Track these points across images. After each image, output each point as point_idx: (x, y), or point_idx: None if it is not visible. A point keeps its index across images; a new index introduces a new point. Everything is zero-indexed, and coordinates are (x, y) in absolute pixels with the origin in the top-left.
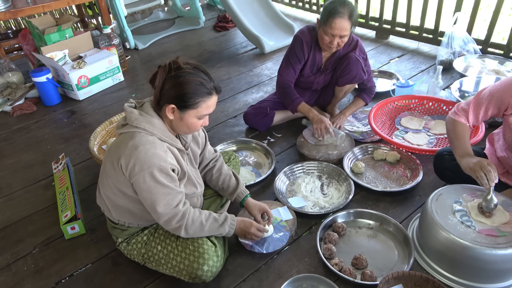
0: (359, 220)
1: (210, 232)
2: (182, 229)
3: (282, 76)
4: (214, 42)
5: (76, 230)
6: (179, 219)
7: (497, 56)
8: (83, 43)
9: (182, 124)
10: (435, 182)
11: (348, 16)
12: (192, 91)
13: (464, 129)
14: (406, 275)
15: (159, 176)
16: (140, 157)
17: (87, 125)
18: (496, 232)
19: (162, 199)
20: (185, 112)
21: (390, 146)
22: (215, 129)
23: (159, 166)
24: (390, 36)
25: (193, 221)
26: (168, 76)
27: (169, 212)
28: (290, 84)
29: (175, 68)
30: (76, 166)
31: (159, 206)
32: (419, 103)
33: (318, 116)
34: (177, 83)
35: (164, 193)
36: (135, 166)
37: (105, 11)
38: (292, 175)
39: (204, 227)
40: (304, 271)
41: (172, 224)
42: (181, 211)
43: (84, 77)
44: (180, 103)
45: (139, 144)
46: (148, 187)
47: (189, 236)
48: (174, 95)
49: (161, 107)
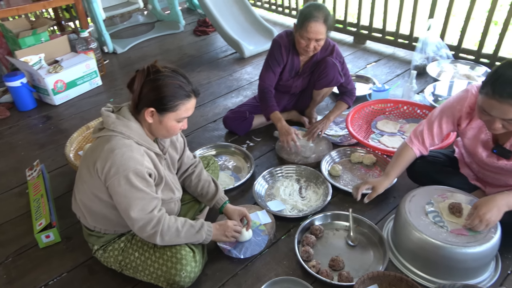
0: (336, 222)
1: (186, 239)
2: (158, 236)
3: (263, 81)
4: (194, 46)
5: (51, 239)
6: (154, 224)
7: (469, 61)
8: (59, 47)
9: (161, 127)
10: (408, 184)
11: (323, 20)
12: (171, 94)
13: (408, 155)
14: (381, 275)
15: (134, 179)
16: (116, 160)
17: (63, 130)
18: (467, 231)
19: (137, 204)
20: (164, 115)
21: (367, 149)
22: (194, 134)
23: (135, 170)
24: (367, 41)
25: (168, 228)
26: (147, 79)
27: (143, 218)
28: (270, 88)
29: (153, 72)
30: (52, 172)
31: (133, 211)
32: (394, 107)
33: (285, 128)
34: (156, 87)
35: (139, 197)
36: (110, 169)
37: (83, 14)
38: (271, 179)
39: (180, 233)
40: (282, 274)
41: (147, 230)
42: (156, 216)
43: (61, 81)
44: (159, 106)
45: (115, 147)
46: (123, 190)
47: (164, 243)
48: (153, 98)
49: (140, 111)
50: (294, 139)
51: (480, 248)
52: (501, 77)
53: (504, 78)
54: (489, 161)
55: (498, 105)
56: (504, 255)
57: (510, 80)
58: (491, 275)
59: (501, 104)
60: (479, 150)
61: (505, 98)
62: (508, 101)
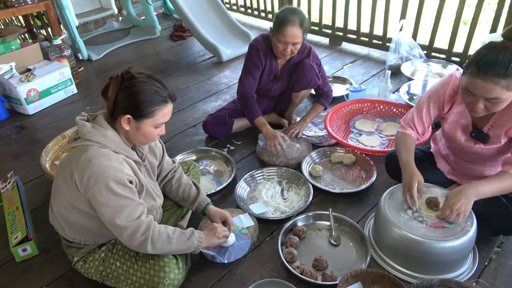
0: (318, 222)
1: (178, 246)
2: (148, 243)
3: (243, 86)
4: (171, 51)
5: (28, 252)
6: (144, 230)
7: (440, 60)
8: (31, 55)
9: (138, 134)
10: (388, 181)
11: (299, 24)
12: (147, 99)
13: (410, 140)
14: (363, 273)
15: (115, 187)
16: (94, 169)
17: (38, 140)
18: (445, 224)
19: (122, 211)
20: (141, 121)
21: (346, 149)
22: (174, 139)
23: (115, 177)
24: (342, 42)
25: (159, 234)
26: (122, 86)
27: (131, 224)
28: (252, 93)
29: (128, 78)
30: (27, 184)
31: (119, 218)
32: (371, 106)
33: (271, 132)
34: (131, 93)
35: (123, 204)
36: (89, 179)
37: (55, 21)
38: (253, 181)
39: (171, 240)
40: (266, 276)
41: (137, 237)
42: (144, 222)
43: (34, 90)
44: (136, 113)
45: (92, 157)
46: (105, 200)
47: (156, 251)
48: (128, 105)
49: (116, 118)
50: (281, 143)
51: (458, 241)
52: (485, 57)
53: (488, 58)
54: (466, 145)
55: (483, 84)
56: (480, 247)
57: (493, 59)
58: (470, 267)
59: (486, 83)
60: (458, 134)
61: (489, 77)
62: (492, 79)
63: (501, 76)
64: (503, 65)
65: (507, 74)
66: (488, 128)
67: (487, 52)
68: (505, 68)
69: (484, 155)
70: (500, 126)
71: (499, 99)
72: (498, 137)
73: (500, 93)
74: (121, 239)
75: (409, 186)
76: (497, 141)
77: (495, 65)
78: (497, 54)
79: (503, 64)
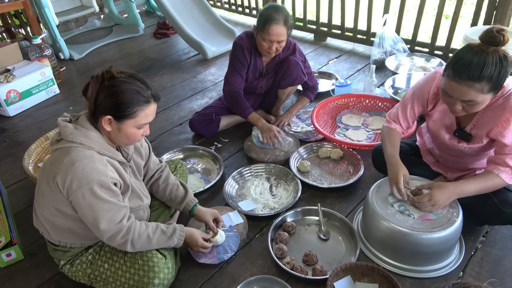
0: (307, 217)
1: (158, 245)
2: (128, 244)
3: (230, 85)
4: (155, 49)
5: (12, 257)
6: (123, 234)
7: (424, 54)
8: (10, 55)
9: (121, 135)
10: (375, 175)
11: (283, 22)
12: (128, 100)
13: (395, 134)
14: (353, 266)
15: (99, 191)
16: (78, 173)
17: (20, 142)
18: (431, 216)
19: (104, 215)
20: (123, 122)
21: (333, 144)
22: (160, 138)
23: (99, 181)
24: (327, 38)
25: (139, 235)
26: (102, 86)
27: (112, 229)
28: (240, 91)
29: (108, 78)
30: (10, 187)
31: (101, 223)
32: (357, 101)
33: (267, 125)
34: (111, 93)
35: (106, 209)
36: (72, 183)
37: (34, 20)
38: (241, 178)
39: (151, 240)
40: (257, 273)
41: (117, 240)
42: (125, 226)
43: (14, 91)
44: (117, 114)
45: (75, 159)
46: (88, 204)
47: (136, 250)
48: (109, 105)
49: (97, 119)
50: (277, 136)
51: (445, 232)
52: (461, 60)
53: (463, 61)
54: (450, 143)
55: (458, 87)
56: (467, 238)
57: (468, 63)
58: (456, 258)
59: (460, 86)
60: (442, 132)
61: (463, 80)
62: (467, 82)
63: (475, 79)
64: (477, 69)
65: (481, 78)
66: (471, 127)
67: (463, 55)
68: (478, 72)
69: (468, 152)
70: (481, 127)
71: (475, 102)
72: (480, 137)
73: (475, 96)
74: (102, 239)
75: (395, 180)
76: (479, 141)
77: (469, 69)
78: (472, 57)
79: (477, 67)
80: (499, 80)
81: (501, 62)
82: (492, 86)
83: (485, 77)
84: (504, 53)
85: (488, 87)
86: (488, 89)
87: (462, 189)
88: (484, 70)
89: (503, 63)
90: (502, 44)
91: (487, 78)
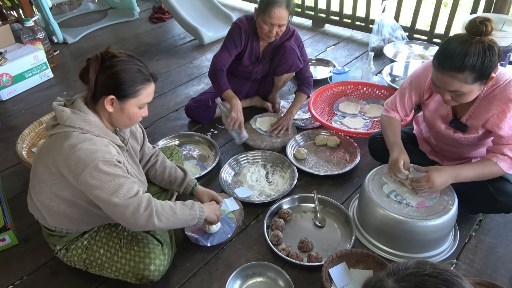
0: (303, 204)
1: (183, 217)
2: (154, 217)
3: (216, 58)
4: (150, 34)
5: (6, 242)
6: (146, 205)
7: (422, 42)
8: (2, 38)
9: (123, 115)
10: (371, 163)
11: (285, 6)
12: (131, 78)
13: (395, 123)
14: (348, 253)
15: (106, 168)
16: (81, 155)
17: (13, 127)
18: (428, 202)
19: (119, 190)
20: (126, 101)
21: (330, 132)
22: (156, 124)
23: (103, 158)
24: (325, 24)
25: (162, 207)
26: (102, 66)
27: (132, 201)
28: (223, 67)
29: (108, 58)
30: (3, 172)
31: (116, 197)
32: (355, 88)
33: (238, 108)
34: (113, 73)
35: (119, 183)
36: (77, 165)
37: (26, 2)
38: (237, 165)
39: (175, 210)
40: (253, 260)
41: (141, 213)
42: (144, 197)
43: (6, 75)
44: (120, 93)
45: (76, 142)
46: (99, 182)
47: (162, 224)
48: (112, 85)
49: (97, 100)
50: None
51: (440, 220)
52: (445, 50)
53: (447, 51)
54: (446, 133)
55: (442, 77)
56: (461, 225)
57: (451, 53)
58: (451, 245)
59: (444, 76)
60: (438, 122)
61: (446, 70)
62: (449, 73)
63: (457, 70)
64: (459, 59)
65: (462, 68)
66: (467, 118)
67: (447, 46)
68: (460, 62)
69: (464, 142)
70: (477, 118)
71: (460, 92)
72: (475, 128)
73: (459, 86)
74: (125, 221)
75: (395, 162)
76: (475, 132)
77: (451, 59)
78: (455, 48)
79: (459, 58)
80: (483, 70)
81: (485, 52)
82: (477, 76)
83: (467, 67)
84: (490, 43)
85: (472, 77)
86: (473, 80)
87: (459, 173)
88: (466, 60)
89: (486, 53)
90: (486, 34)
91: (470, 68)
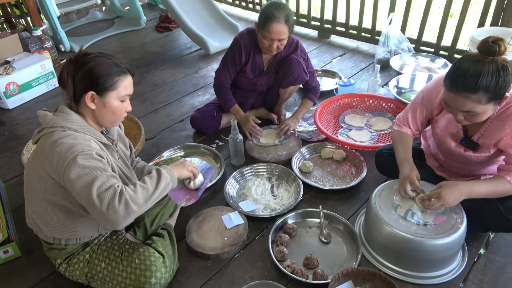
0: (308, 219)
1: (157, 188)
2: (131, 204)
3: (218, 77)
4: (156, 43)
5: (10, 254)
6: (119, 196)
7: (429, 54)
8: (10, 47)
9: (106, 110)
10: (378, 177)
11: (284, 20)
12: (107, 71)
13: (407, 138)
14: (354, 271)
15: (83, 161)
16: (62, 149)
17: (19, 136)
18: (443, 216)
19: (92, 183)
20: (106, 95)
21: (336, 145)
22: (161, 135)
23: (82, 151)
24: (331, 35)
25: (134, 190)
26: (77, 66)
27: (105, 195)
28: (226, 84)
29: (81, 57)
30: (9, 182)
31: (93, 192)
32: (361, 101)
33: (243, 117)
34: (89, 68)
35: (94, 175)
36: (59, 160)
37: (34, 11)
38: (242, 178)
39: (147, 188)
40: (257, 276)
41: (116, 205)
42: (117, 189)
43: (13, 83)
44: (98, 87)
45: (57, 139)
46: (77, 175)
47: (144, 207)
48: (89, 80)
49: (79, 100)
50: (253, 124)
51: (449, 239)
52: (457, 71)
53: (459, 72)
54: (456, 151)
55: (455, 98)
56: (470, 244)
57: (464, 73)
58: (459, 264)
59: (457, 97)
60: (448, 139)
61: (459, 91)
62: (463, 93)
63: (470, 90)
64: (472, 80)
65: (476, 89)
66: (478, 137)
67: (459, 65)
68: (473, 83)
69: (474, 160)
70: (489, 137)
71: (474, 112)
72: (487, 147)
73: (472, 107)
74: (105, 219)
75: (410, 178)
76: (487, 150)
77: (464, 80)
78: (468, 68)
79: (472, 78)
80: (497, 91)
81: (498, 72)
82: (491, 96)
83: (481, 87)
84: (503, 62)
85: (486, 97)
86: (487, 100)
87: (472, 189)
88: (480, 81)
89: (500, 73)
90: (499, 54)
91: (483, 89)
